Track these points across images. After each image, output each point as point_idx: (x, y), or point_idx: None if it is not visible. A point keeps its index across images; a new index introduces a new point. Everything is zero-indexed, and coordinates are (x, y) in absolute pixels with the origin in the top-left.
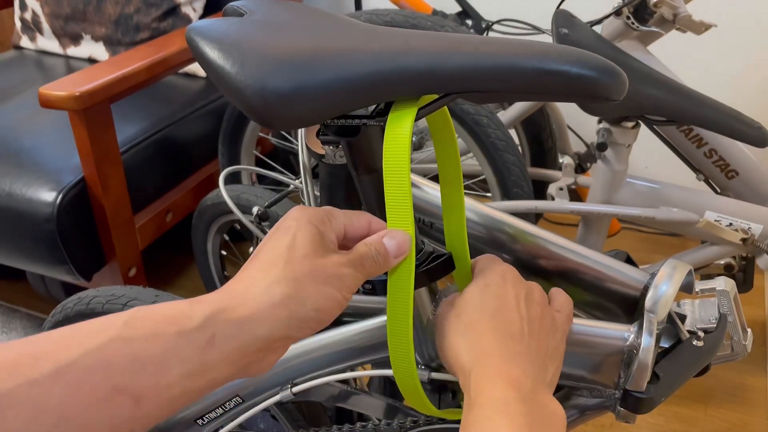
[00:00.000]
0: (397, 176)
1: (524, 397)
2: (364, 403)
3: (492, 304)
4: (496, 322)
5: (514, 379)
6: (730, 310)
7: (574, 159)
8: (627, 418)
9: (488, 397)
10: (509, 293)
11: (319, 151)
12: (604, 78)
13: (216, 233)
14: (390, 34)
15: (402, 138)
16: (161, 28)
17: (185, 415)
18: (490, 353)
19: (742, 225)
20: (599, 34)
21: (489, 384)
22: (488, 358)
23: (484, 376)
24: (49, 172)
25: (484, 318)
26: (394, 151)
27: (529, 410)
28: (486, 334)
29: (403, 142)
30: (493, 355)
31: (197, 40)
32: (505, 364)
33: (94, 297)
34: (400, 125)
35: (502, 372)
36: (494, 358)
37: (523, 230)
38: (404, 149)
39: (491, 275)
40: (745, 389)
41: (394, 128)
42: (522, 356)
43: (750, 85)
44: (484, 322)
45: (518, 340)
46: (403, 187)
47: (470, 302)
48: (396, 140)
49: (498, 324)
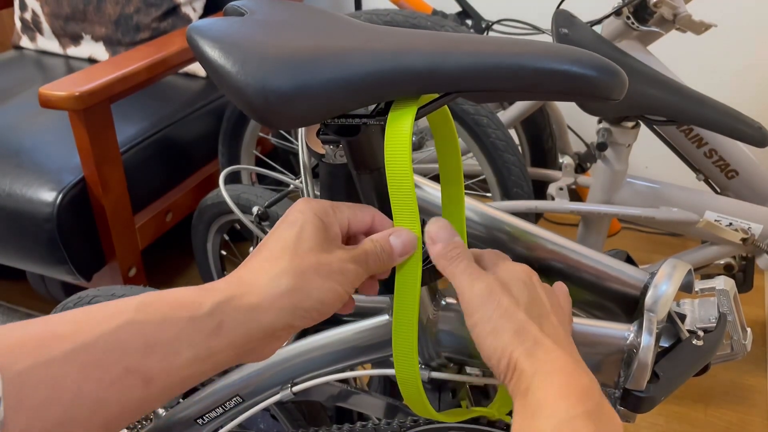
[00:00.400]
0: (400, 174)
1: (593, 412)
2: (364, 403)
3: (527, 299)
4: (536, 311)
5: (585, 388)
6: (730, 309)
7: (574, 159)
8: (627, 417)
9: (552, 411)
10: (540, 293)
11: (320, 150)
12: (604, 77)
13: (216, 233)
14: (390, 33)
15: (403, 136)
16: (161, 28)
17: (185, 415)
18: (544, 343)
19: (742, 225)
20: (599, 34)
21: (555, 395)
22: (547, 352)
23: (550, 383)
24: (49, 172)
25: (520, 306)
26: (395, 150)
27: (597, 428)
28: (530, 322)
29: (403, 140)
30: (551, 347)
31: (198, 40)
32: (570, 364)
33: (94, 297)
34: (400, 124)
35: (572, 380)
36: (554, 351)
37: (523, 230)
38: (405, 147)
39: (516, 271)
40: (745, 389)
41: (394, 127)
42: (576, 354)
43: (750, 84)
44: (535, 311)
45: (566, 341)
46: (406, 184)
47: (507, 286)
48: (397, 139)
49: (539, 314)
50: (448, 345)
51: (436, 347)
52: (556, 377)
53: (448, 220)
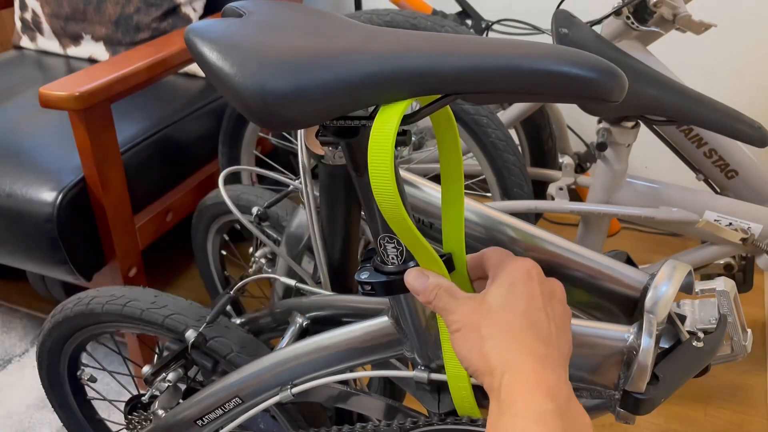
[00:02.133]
0: (382, 173)
1: (560, 408)
2: (364, 404)
3: (520, 304)
4: (527, 322)
5: (551, 387)
6: (730, 310)
7: (574, 159)
8: (627, 418)
9: (524, 407)
10: (536, 291)
11: (319, 151)
12: (604, 79)
13: (216, 233)
14: (389, 34)
15: (385, 137)
16: (161, 28)
17: (185, 416)
18: (522, 356)
19: (741, 225)
20: (599, 34)
21: (524, 391)
22: (521, 363)
23: (518, 381)
24: (49, 172)
25: (513, 318)
26: (377, 150)
27: (564, 425)
28: (516, 335)
29: (386, 141)
30: (526, 359)
31: (196, 41)
32: (540, 369)
33: (94, 297)
34: (384, 125)
35: (540, 380)
36: (528, 362)
37: (523, 230)
38: (387, 148)
39: (516, 272)
40: (745, 389)
41: (378, 128)
42: (554, 360)
43: (750, 84)
44: (514, 323)
45: (547, 342)
46: (387, 182)
47: (496, 301)
48: (379, 140)
49: (528, 324)
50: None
51: (436, 348)
52: (524, 375)
53: (447, 218)
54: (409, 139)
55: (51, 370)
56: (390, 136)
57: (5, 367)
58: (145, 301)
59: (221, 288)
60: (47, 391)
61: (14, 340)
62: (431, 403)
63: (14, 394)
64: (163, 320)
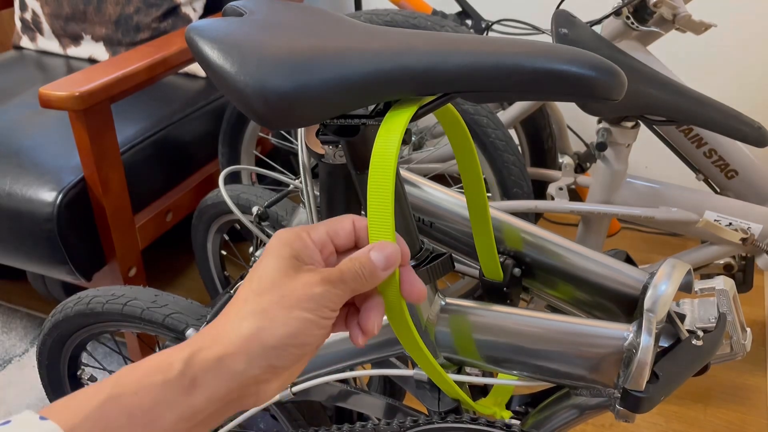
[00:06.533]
0: (382, 176)
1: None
2: (364, 403)
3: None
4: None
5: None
6: (730, 309)
7: (574, 159)
8: (626, 417)
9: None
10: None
11: (319, 150)
12: (604, 78)
13: (216, 233)
14: (389, 33)
15: (392, 140)
16: (161, 28)
17: None
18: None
19: (741, 225)
20: (599, 34)
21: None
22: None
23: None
24: (49, 172)
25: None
26: (381, 152)
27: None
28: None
29: (392, 143)
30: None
31: (197, 40)
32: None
33: (94, 297)
34: (393, 125)
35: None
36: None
37: (523, 230)
38: (392, 151)
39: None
40: (745, 389)
41: (386, 128)
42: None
43: (750, 84)
44: None
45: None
46: (386, 186)
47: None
48: (386, 141)
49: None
50: (447, 345)
51: (435, 348)
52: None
53: (475, 222)
54: (409, 138)
55: (51, 369)
56: (395, 142)
57: (5, 367)
58: (146, 301)
59: (221, 288)
60: (47, 390)
61: (14, 340)
62: (431, 401)
63: (14, 394)
64: (164, 319)
